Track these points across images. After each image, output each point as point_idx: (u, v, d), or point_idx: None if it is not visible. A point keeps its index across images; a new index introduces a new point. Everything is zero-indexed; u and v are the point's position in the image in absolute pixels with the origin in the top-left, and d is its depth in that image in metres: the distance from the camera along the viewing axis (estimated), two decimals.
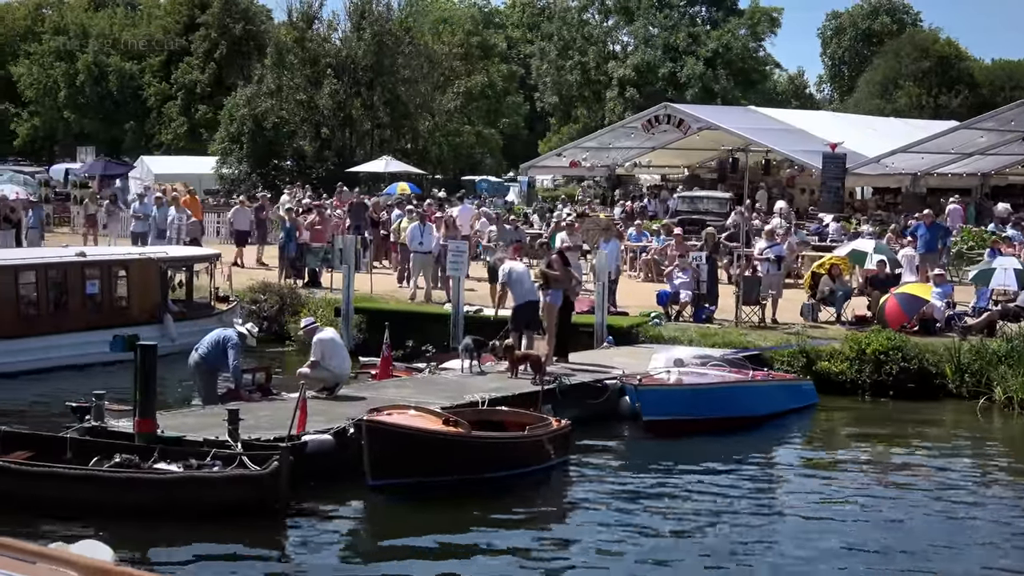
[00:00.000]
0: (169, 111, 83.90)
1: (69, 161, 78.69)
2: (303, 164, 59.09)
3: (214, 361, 18.15)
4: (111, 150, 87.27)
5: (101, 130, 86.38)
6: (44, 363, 23.03)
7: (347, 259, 26.54)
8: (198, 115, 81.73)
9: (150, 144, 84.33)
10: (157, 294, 25.22)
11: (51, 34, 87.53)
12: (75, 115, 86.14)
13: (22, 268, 23.14)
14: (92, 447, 15.35)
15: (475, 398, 18.40)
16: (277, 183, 57.53)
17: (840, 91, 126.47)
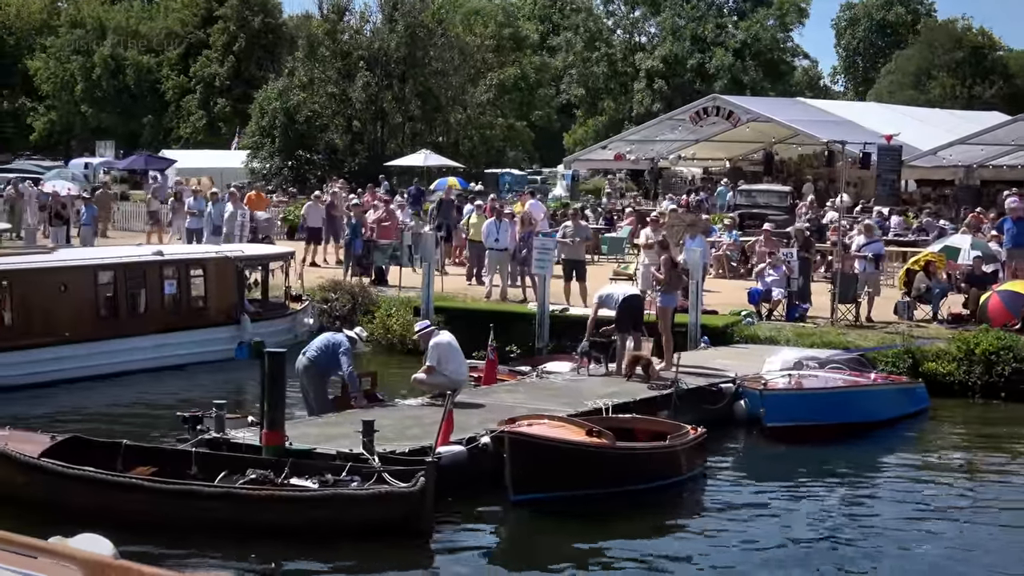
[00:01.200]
0: (188, 105, 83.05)
1: (88, 156, 77.93)
2: (334, 158, 58.19)
3: (325, 365, 17.27)
4: (129, 144, 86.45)
5: (119, 124, 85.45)
6: (123, 367, 22.17)
7: (427, 256, 25.65)
8: (217, 108, 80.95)
9: (168, 138, 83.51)
10: (234, 294, 24.34)
11: (67, 28, 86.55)
12: (92, 109, 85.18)
13: (101, 268, 22.23)
14: (218, 461, 14.45)
15: (597, 405, 17.50)
16: (308, 177, 56.66)
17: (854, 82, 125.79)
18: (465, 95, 58.57)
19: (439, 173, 57.46)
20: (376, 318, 26.21)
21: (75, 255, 22.89)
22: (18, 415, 19.29)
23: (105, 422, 19.23)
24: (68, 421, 19.21)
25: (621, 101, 76.74)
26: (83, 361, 21.55)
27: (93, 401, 20.85)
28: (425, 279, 25.44)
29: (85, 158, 74.12)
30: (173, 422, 19.39)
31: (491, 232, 27.24)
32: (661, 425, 16.53)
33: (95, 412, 20.11)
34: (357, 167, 57.94)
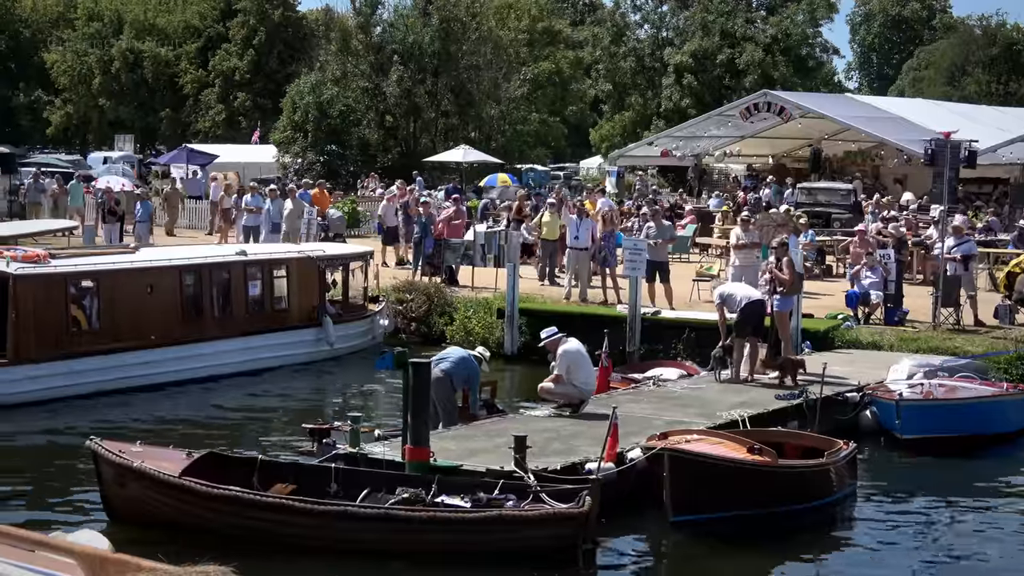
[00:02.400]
0: (206, 99, 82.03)
1: (106, 149, 76.92)
2: (367, 153, 57.29)
3: (457, 379, 16.39)
4: (146, 138, 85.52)
5: (136, 118, 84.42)
6: (208, 371, 21.33)
7: (512, 257, 24.83)
8: (236, 103, 79.98)
9: (186, 132, 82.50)
10: (316, 295, 23.46)
11: (84, 20, 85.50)
12: (110, 103, 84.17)
13: (186, 269, 21.34)
14: (359, 479, 13.58)
15: (733, 416, 16.64)
16: (340, 172, 55.78)
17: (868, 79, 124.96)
18: (499, 90, 57.61)
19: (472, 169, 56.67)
20: (455, 320, 25.37)
21: (160, 255, 21.96)
22: (113, 423, 18.53)
23: (205, 431, 18.44)
24: (165, 430, 18.41)
25: (648, 96, 75.73)
26: (169, 366, 20.74)
27: (185, 408, 20.04)
28: (509, 280, 24.59)
29: (104, 152, 73.22)
30: (277, 431, 18.72)
31: (572, 230, 26.34)
32: (810, 440, 15.68)
33: (191, 420, 19.28)
34: (390, 162, 57.07)
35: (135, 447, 13.46)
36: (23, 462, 16.59)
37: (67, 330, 19.59)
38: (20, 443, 17.53)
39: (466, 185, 51.52)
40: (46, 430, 18.16)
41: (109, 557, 7.19)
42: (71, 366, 19.42)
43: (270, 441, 17.87)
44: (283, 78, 79.37)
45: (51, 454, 16.98)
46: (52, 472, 16.12)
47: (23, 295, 18.95)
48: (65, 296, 19.59)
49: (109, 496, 13.31)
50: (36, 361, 19.08)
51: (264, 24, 79.63)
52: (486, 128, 58.69)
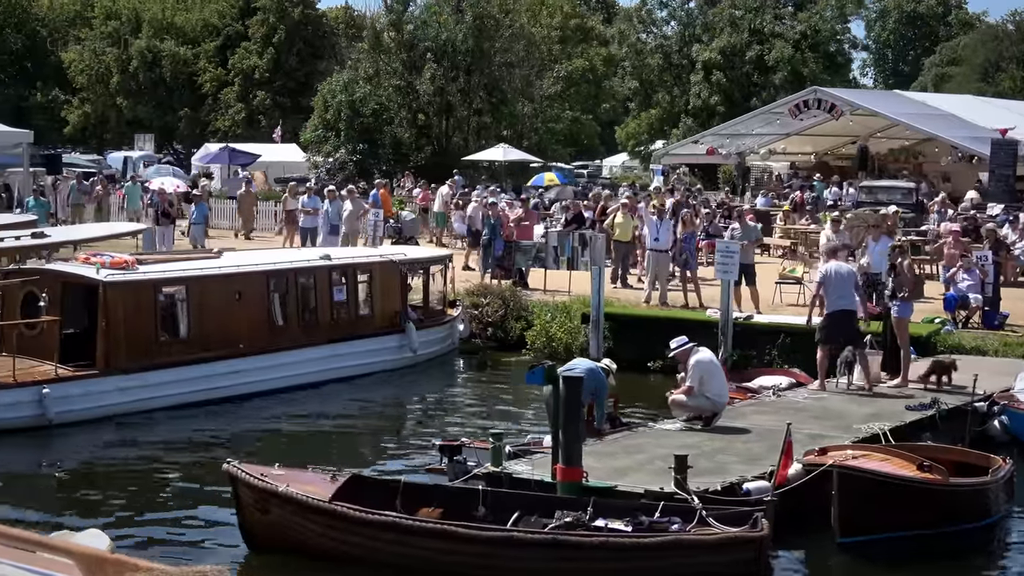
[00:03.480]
0: (226, 97, 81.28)
1: (126, 149, 76.13)
2: (399, 152, 56.48)
3: (586, 392, 15.49)
4: (164, 137, 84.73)
5: (154, 117, 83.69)
6: (295, 380, 20.50)
7: (597, 259, 23.96)
8: (256, 101, 79.25)
9: (205, 131, 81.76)
10: (398, 301, 22.64)
11: (102, 19, 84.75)
12: (128, 102, 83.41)
13: (273, 274, 20.50)
14: (508, 501, 12.75)
15: (873, 429, 15.81)
16: (373, 171, 54.94)
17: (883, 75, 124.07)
18: (531, 87, 56.81)
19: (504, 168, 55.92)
20: (535, 325, 24.54)
21: (245, 260, 21.10)
22: (212, 437, 17.76)
23: (306, 445, 17.64)
24: (264, 445, 17.61)
25: (676, 94, 74.83)
26: (257, 375, 19.90)
27: (278, 420, 19.22)
28: (595, 284, 23.71)
29: (124, 152, 72.44)
30: (382, 444, 17.89)
31: (652, 231, 25.51)
32: (967, 455, 14.86)
33: (289, 433, 18.52)
34: (423, 161, 56.25)
35: (276, 470, 12.63)
36: (130, 481, 15.74)
37: (156, 339, 18.77)
38: (123, 461, 16.68)
39: (505, 184, 50.81)
40: (145, 444, 17.34)
41: (107, 557, 7.16)
42: (161, 376, 18.60)
43: (380, 456, 17.07)
44: (303, 76, 78.87)
45: (160, 473, 16.15)
46: (169, 494, 15.27)
47: (113, 303, 18.14)
48: (155, 303, 18.77)
49: (249, 522, 12.48)
50: (126, 371, 18.26)
51: (284, 22, 78.97)
52: (519, 126, 57.91)
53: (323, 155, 55.70)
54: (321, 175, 54.32)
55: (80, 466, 16.56)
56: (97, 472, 16.27)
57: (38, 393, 17.16)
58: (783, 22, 73.29)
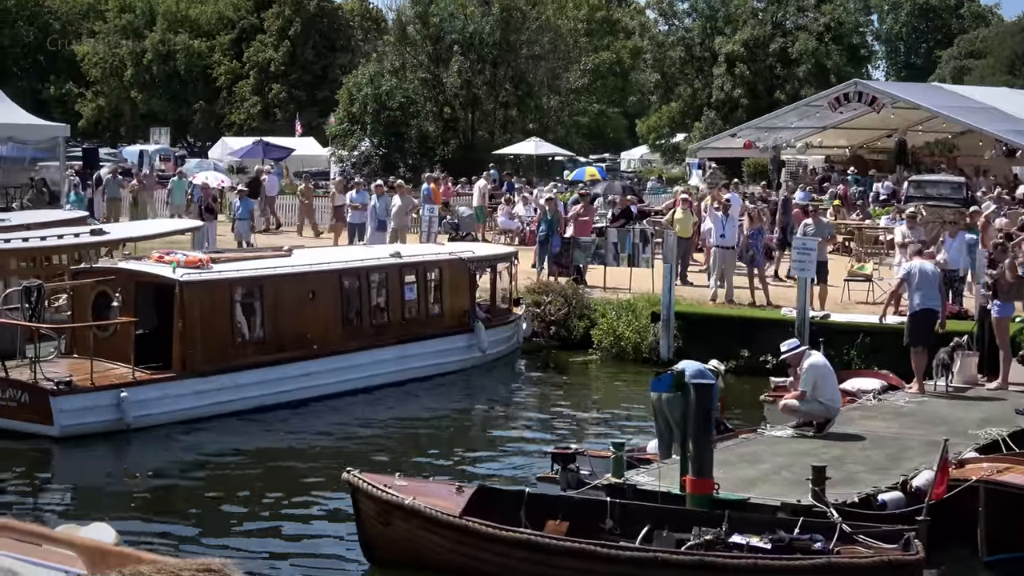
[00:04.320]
0: (241, 90, 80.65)
1: (142, 142, 75.45)
2: (425, 146, 55.81)
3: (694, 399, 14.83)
4: (179, 131, 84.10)
5: (168, 110, 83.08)
6: (368, 382, 19.89)
7: (668, 256, 23.34)
8: (272, 94, 78.62)
9: (220, 125, 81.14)
10: (467, 299, 22.00)
11: (116, 12, 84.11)
12: (142, 95, 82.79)
13: (345, 273, 19.86)
14: (636, 514, 12.12)
15: (992, 435, 15.18)
16: (398, 165, 54.31)
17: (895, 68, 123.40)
18: (558, 80, 56.17)
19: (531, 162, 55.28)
20: (602, 324, 23.90)
21: (316, 258, 20.45)
22: (295, 442, 17.15)
23: (397, 452, 17.04)
24: (353, 449, 16.99)
25: (697, 86, 74.13)
26: (330, 377, 19.26)
27: (358, 424, 18.57)
28: (666, 282, 23.14)
29: (139, 145, 71.80)
30: (470, 450, 17.25)
31: (717, 228, 24.87)
32: None
33: (371, 437, 17.89)
34: (449, 155, 55.60)
35: (398, 480, 12.00)
36: (219, 488, 15.13)
37: (232, 341, 18.12)
38: (207, 466, 16.05)
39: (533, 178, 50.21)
40: (228, 450, 16.73)
41: (111, 550, 7.19)
42: (236, 379, 17.97)
43: (476, 463, 16.42)
44: (319, 69, 78.27)
45: (251, 479, 15.53)
46: (272, 503, 14.63)
47: (190, 303, 17.50)
48: (230, 304, 18.14)
49: (370, 535, 11.86)
50: (202, 374, 17.62)
51: (300, 15, 78.32)
52: (545, 119, 57.30)
53: (348, 149, 55.03)
54: (347, 168, 53.76)
55: (164, 472, 15.95)
56: (182, 478, 15.67)
57: (116, 397, 16.54)
58: (806, 14, 72.69)
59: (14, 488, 15.04)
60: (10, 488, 14.99)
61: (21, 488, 15.12)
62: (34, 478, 15.53)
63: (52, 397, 16.13)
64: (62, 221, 24.06)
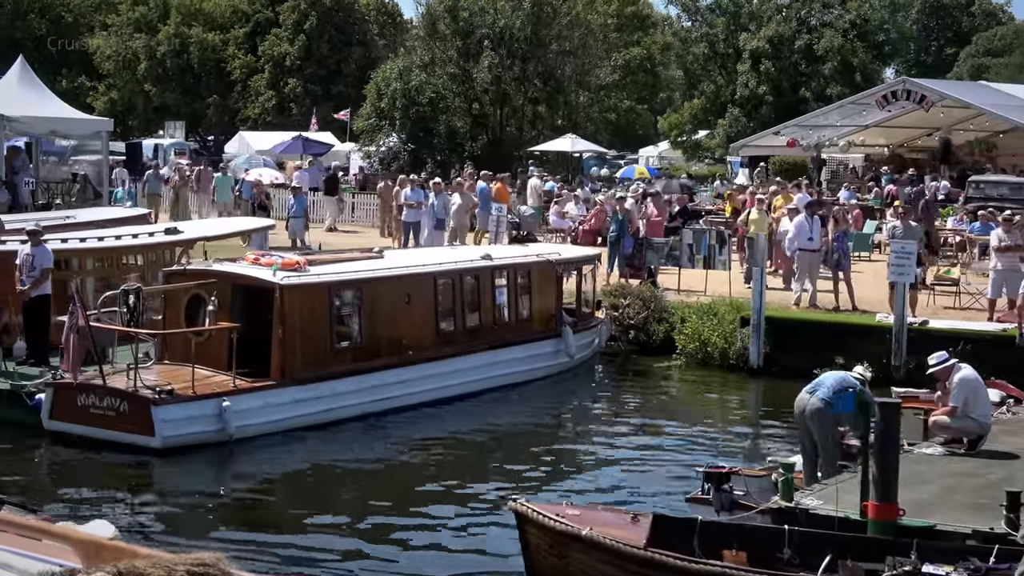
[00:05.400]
0: (255, 84, 79.71)
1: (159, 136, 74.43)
2: (453, 142, 54.91)
3: (840, 411, 14.02)
4: (192, 125, 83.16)
5: (181, 104, 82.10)
6: (461, 389, 19.06)
7: (756, 260, 22.50)
8: (287, 89, 77.69)
9: (235, 119, 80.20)
10: (555, 303, 21.16)
11: (129, 5, 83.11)
12: (155, 88, 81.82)
13: (440, 276, 19.01)
14: (816, 542, 11.28)
15: None
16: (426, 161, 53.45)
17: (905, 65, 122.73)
18: (588, 76, 55.32)
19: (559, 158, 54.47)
20: (686, 328, 23.06)
21: (408, 260, 19.57)
22: (397, 454, 16.27)
23: (505, 469, 16.21)
24: (458, 462, 16.18)
25: (720, 83, 73.39)
26: (425, 384, 18.42)
27: (461, 434, 17.76)
28: (756, 285, 22.34)
29: (154, 139, 70.82)
30: (589, 467, 16.41)
31: (803, 230, 24.06)
32: None
33: (476, 450, 17.10)
34: (478, 151, 54.72)
35: (568, 508, 11.15)
36: (336, 504, 14.31)
37: (331, 347, 17.26)
38: (320, 479, 15.20)
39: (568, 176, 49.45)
40: (339, 460, 15.89)
41: (106, 544, 7.16)
42: (334, 387, 17.12)
43: (602, 481, 15.55)
44: (334, 64, 77.35)
45: (379, 494, 14.72)
46: (407, 520, 13.83)
47: (290, 307, 16.64)
48: (329, 308, 17.27)
49: (541, 567, 11.01)
50: (301, 382, 16.75)
51: (315, 8, 77.40)
52: (574, 116, 56.47)
53: (376, 144, 54.13)
54: (375, 164, 52.92)
55: (272, 485, 15.14)
56: (292, 491, 14.89)
57: (219, 406, 15.67)
58: (831, 10, 71.99)
59: (116, 504, 14.19)
60: (112, 504, 14.14)
61: (124, 504, 14.26)
62: (136, 493, 14.68)
63: (154, 407, 15.27)
64: (125, 219, 23.16)
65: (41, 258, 17.51)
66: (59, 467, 15.46)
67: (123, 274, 19.64)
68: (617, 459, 16.68)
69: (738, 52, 72.03)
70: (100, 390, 15.57)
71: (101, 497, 14.39)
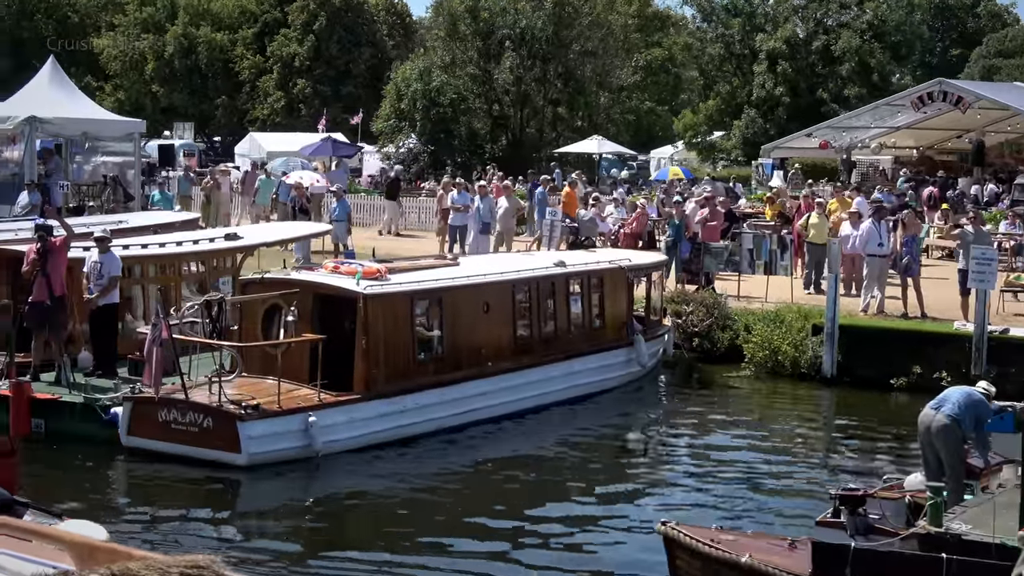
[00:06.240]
0: (264, 85, 79.05)
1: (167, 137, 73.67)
2: (474, 143, 54.34)
3: (968, 428, 13.35)
4: (200, 126, 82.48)
5: (189, 105, 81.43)
6: (537, 401, 18.40)
7: (832, 266, 21.86)
8: (296, 89, 77.06)
9: (243, 120, 79.55)
10: (626, 311, 20.50)
11: (136, 5, 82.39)
12: (163, 89, 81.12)
13: (518, 283, 18.34)
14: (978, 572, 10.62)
15: None
16: (445, 162, 52.86)
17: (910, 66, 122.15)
18: (609, 77, 54.75)
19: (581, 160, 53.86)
20: (755, 336, 22.38)
21: (484, 267, 18.87)
22: (486, 468, 15.62)
23: (595, 485, 15.48)
24: (559, 482, 15.50)
25: (736, 84, 72.73)
26: (503, 397, 17.76)
27: (548, 448, 17.07)
28: (831, 292, 21.70)
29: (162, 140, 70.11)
30: (686, 484, 15.76)
31: (873, 236, 23.43)
32: None
33: (572, 466, 16.35)
34: (499, 153, 54.17)
35: (720, 533, 10.50)
36: (442, 523, 13.63)
37: (413, 358, 16.58)
38: (415, 500, 14.51)
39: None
40: (431, 476, 15.23)
41: (100, 546, 7.16)
42: (417, 400, 16.44)
43: (709, 500, 14.88)
44: (344, 64, 76.70)
45: (483, 511, 14.08)
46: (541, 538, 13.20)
47: (374, 318, 15.95)
48: (411, 318, 16.57)
49: None
50: (385, 396, 16.07)
51: (325, 9, 76.79)
52: (595, 117, 55.89)
53: (396, 146, 53.51)
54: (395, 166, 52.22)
55: (364, 503, 14.42)
56: (384, 510, 14.18)
57: (304, 421, 14.99)
58: (848, 10, 71.44)
59: (199, 523, 13.51)
60: (196, 523, 13.47)
61: (209, 524, 13.56)
62: (222, 512, 13.98)
63: (240, 423, 14.58)
64: (176, 224, 22.46)
65: (109, 266, 16.83)
66: (139, 485, 14.77)
67: (184, 282, 18.97)
68: (715, 475, 16.02)
69: (754, 53, 71.47)
70: (182, 405, 14.88)
71: (183, 515, 13.72)
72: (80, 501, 13.77)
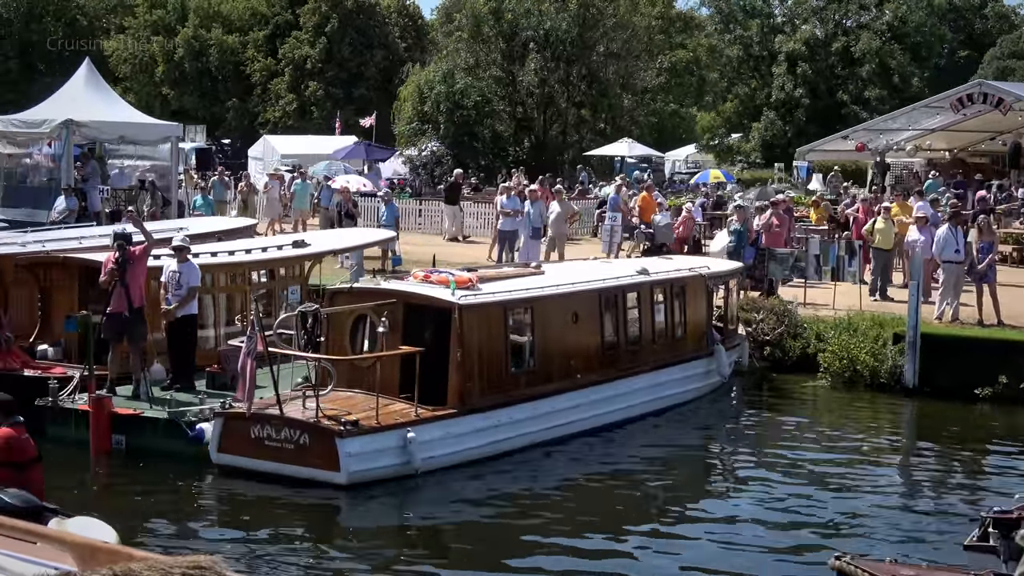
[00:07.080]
0: (276, 87, 78.42)
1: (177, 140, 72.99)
2: (497, 145, 53.65)
3: None
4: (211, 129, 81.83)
5: (200, 107, 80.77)
6: (624, 414, 17.77)
7: (915, 274, 21.23)
8: (308, 92, 76.44)
9: (254, 123, 78.87)
10: (706, 320, 19.86)
11: (146, 7, 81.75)
12: (173, 92, 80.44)
13: (605, 292, 17.67)
14: None
15: None
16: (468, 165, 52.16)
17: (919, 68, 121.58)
18: (634, 79, 54.12)
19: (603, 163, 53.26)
20: (831, 346, 21.72)
21: (570, 276, 18.20)
22: (576, 489, 14.98)
23: (703, 500, 14.85)
24: (673, 498, 14.86)
25: (755, 86, 72.15)
26: (593, 410, 17.15)
27: (649, 462, 16.39)
28: (912, 300, 21.04)
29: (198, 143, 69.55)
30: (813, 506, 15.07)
31: (949, 242, 22.79)
32: None
33: (684, 482, 15.67)
34: (523, 155, 53.50)
35: (898, 567, 9.86)
36: (555, 545, 12.96)
37: (506, 371, 15.92)
38: (523, 518, 13.84)
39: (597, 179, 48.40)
40: (537, 493, 14.56)
41: (102, 547, 7.17)
42: (511, 415, 15.81)
43: (837, 525, 14.17)
44: (355, 67, 76.06)
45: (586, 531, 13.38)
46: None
47: (469, 329, 15.29)
48: (505, 330, 15.91)
49: None
50: (479, 410, 15.42)
51: (337, 11, 76.18)
52: (618, 119, 55.26)
53: (418, 149, 52.77)
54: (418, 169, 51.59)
55: (470, 523, 13.73)
56: (491, 531, 13.51)
57: (403, 438, 14.33)
58: (868, 11, 70.94)
59: (297, 542, 12.85)
60: (293, 543, 12.80)
61: (310, 546, 12.88)
62: (325, 534, 13.29)
63: (339, 439, 13.91)
64: (234, 230, 21.78)
65: (188, 275, 16.20)
66: (231, 505, 14.08)
67: (253, 291, 18.32)
68: (823, 495, 15.32)
69: (772, 55, 70.91)
70: (277, 421, 14.20)
71: (279, 535, 13.05)
72: (169, 519, 13.18)
